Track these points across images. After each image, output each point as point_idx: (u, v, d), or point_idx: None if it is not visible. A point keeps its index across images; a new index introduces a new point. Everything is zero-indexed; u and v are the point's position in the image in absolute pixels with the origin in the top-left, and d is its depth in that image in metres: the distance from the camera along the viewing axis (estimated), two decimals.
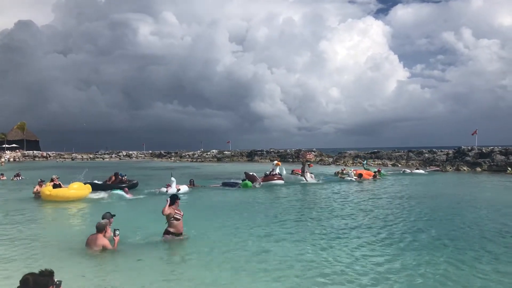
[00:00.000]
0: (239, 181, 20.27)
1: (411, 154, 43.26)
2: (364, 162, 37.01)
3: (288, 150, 58.73)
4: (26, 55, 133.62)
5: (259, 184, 20.31)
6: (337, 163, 44.77)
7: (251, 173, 21.31)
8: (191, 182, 20.14)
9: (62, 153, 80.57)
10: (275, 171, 22.42)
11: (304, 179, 22.49)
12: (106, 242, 7.45)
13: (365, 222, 10.59)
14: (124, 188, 16.74)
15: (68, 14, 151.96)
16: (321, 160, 49.26)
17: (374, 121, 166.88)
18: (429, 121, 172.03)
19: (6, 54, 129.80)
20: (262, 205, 14.10)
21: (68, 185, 15.33)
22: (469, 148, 37.19)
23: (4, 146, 75.43)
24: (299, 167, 24.66)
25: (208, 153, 69.13)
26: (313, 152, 41.91)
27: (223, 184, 20.70)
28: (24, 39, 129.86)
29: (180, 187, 17.51)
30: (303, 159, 24.61)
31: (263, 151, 61.67)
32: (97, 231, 7.52)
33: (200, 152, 71.77)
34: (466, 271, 6.43)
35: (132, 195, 16.19)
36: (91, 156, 77.68)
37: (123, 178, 18.45)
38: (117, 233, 7.63)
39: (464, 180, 24.64)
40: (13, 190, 19.37)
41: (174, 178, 17.36)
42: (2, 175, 26.03)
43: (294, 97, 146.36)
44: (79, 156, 76.23)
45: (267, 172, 22.42)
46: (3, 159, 58.10)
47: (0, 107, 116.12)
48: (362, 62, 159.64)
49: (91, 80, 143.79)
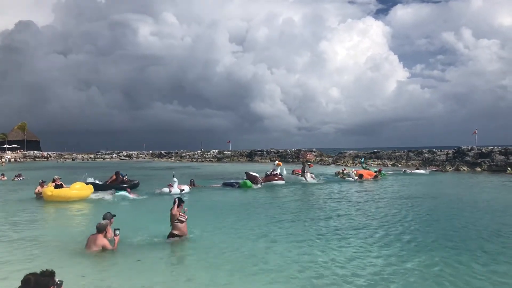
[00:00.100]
0: (240, 181, 20.31)
1: (411, 154, 43.26)
2: (362, 161, 37.03)
3: (288, 150, 58.73)
4: (27, 56, 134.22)
5: (261, 185, 20.37)
6: (337, 163, 44.81)
7: (253, 173, 21.35)
8: (192, 182, 20.17)
9: (63, 154, 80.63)
10: (276, 171, 22.48)
11: (305, 179, 22.54)
12: (106, 242, 7.51)
13: (363, 223, 10.63)
14: (126, 189, 16.80)
15: (68, 15, 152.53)
16: (321, 160, 49.27)
17: (374, 121, 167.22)
18: (429, 121, 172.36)
19: (7, 55, 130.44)
20: (262, 206, 14.13)
21: (70, 186, 15.39)
22: (469, 148, 37.20)
23: (5, 147, 75.53)
24: (300, 167, 24.70)
25: (208, 153, 69.14)
26: (313, 152, 41.93)
27: (224, 185, 20.74)
28: (25, 40, 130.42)
29: (182, 187, 17.58)
30: (303, 159, 24.70)
31: (263, 151, 61.69)
32: (98, 232, 7.58)
33: (201, 152, 71.79)
34: (462, 272, 6.47)
35: (136, 195, 16.27)
36: (92, 157, 77.76)
37: (124, 178, 18.49)
38: (117, 233, 7.69)
39: (464, 180, 24.64)
40: (14, 191, 19.40)
41: (176, 179, 17.41)
42: (3, 176, 26.04)
43: (294, 97, 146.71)
44: (80, 157, 76.31)
45: (268, 172, 22.47)
46: (4, 160, 58.17)
47: (1, 108, 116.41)
48: (362, 62, 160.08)
49: (91, 81, 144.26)
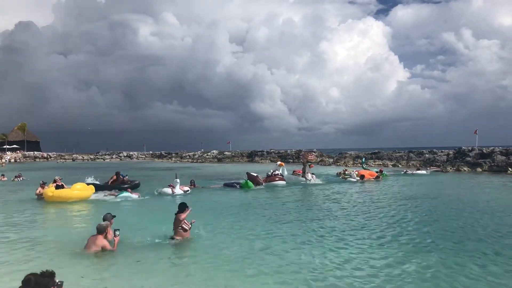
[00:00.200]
0: (241, 182, 20.27)
1: (412, 155, 43.25)
2: (363, 161, 37.02)
3: (289, 151, 58.79)
4: (27, 56, 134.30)
5: (262, 185, 20.33)
6: (338, 164, 44.83)
7: (254, 174, 21.33)
8: (192, 183, 20.16)
9: (63, 154, 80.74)
10: (278, 172, 22.45)
11: (305, 180, 22.51)
12: (106, 243, 7.49)
13: (362, 223, 10.62)
14: (127, 189, 16.78)
15: (68, 15, 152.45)
16: (322, 161, 49.27)
17: (374, 121, 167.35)
18: (429, 121, 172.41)
19: (7, 55, 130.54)
20: (262, 206, 14.11)
21: (71, 186, 15.37)
22: (470, 149, 37.16)
23: (5, 147, 75.62)
24: (300, 168, 24.69)
25: (209, 154, 69.15)
26: (314, 153, 41.86)
27: (225, 185, 20.71)
28: (25, 40, 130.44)
29: (185, 188, 17.57)
30: (304, 160, 24.67)
31: (264, 152, 61.70)
32: (98, 233, 7.56)
33: (201, 153, 71.79)
34: (459, 273, 6.46)
35: (139, 195, 16.26)
36: (92, 157, 77.82)
37: (125, 179, 18.48)
38: (117, 234, 7.68)
39: (465, 181, 24.61)
40: (14, 191, 19.40)
41: (179, 179, 17.37)
42: (3, 176, 26.07)
43: (294, 98, 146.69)
44: (80, 157, 76.35)
45: (269, 173, 22.47)
46: (4, 160, 58.20)
47: (1, 108, 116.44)
48: (362, 63, 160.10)
49: (91, 81, 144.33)
